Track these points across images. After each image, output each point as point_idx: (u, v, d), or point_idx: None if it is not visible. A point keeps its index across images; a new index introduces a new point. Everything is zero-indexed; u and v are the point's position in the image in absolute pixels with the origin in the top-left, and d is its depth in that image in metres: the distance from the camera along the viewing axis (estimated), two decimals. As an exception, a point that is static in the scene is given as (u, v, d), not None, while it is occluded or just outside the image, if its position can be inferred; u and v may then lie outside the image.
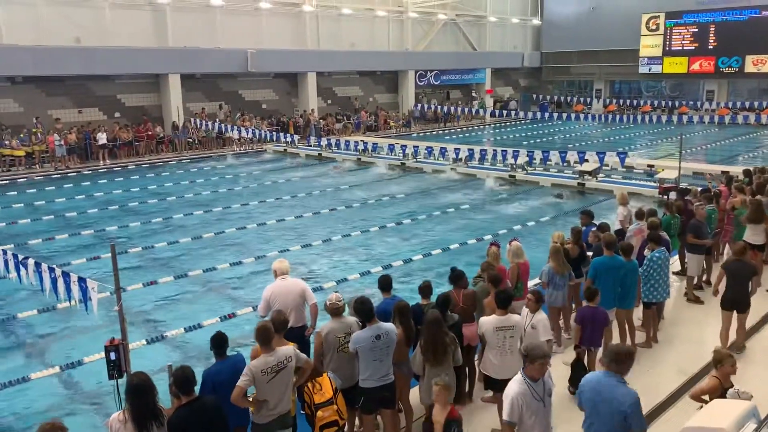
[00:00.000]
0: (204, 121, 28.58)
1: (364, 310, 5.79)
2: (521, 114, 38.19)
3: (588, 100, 44.62)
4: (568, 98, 45.94)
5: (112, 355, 5.41)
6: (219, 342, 5.27)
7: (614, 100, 42.83)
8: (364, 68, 37.50)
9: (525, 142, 30.08)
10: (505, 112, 38.91)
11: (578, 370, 7.00)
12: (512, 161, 21.23)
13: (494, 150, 21.75)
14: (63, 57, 25.12)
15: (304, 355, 5.46)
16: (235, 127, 28.34)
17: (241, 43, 30.57)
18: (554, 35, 46.93)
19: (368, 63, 37.28)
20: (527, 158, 20.92)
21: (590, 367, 7.13)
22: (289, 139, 27.71)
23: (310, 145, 28.26)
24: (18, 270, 7.83)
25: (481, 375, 6.65)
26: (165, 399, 4.95)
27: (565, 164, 20.81)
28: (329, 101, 36.62)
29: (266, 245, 13.94)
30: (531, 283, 8.53)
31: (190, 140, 28.68)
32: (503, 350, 6.14)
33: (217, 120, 29.52)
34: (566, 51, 46.27)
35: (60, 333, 9.67)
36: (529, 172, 21.37)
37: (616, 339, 7.70)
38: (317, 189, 20.42)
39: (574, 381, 6.93)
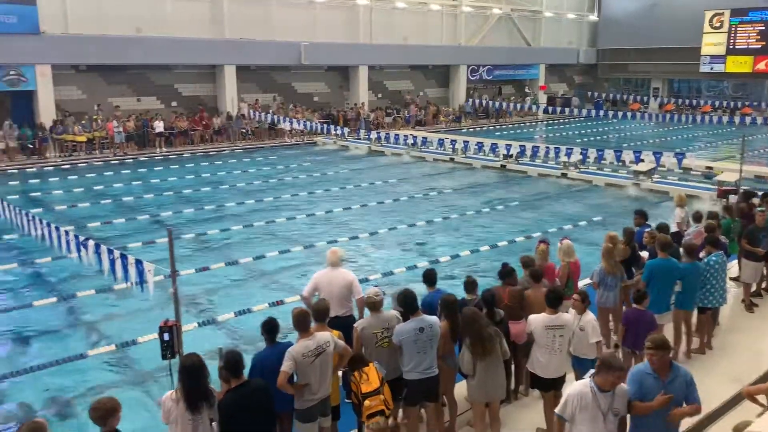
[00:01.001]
0: (257, 112, 29.05)
1: (407, 302, 5.81)
2: (576, 111, 37.45)
3: (645, 98, 43.37)
4: (624, 96, 44.77)
5: (166, 336, 5.53)
6: (270, 328, 5.35)
7: (672, 99, 41.53)
8: (415, 62, 37.42)
9: (578, 140, 29.49)
10: (558, 109, 38.21)
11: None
12: (565, 159, 20.90)
13: (546, 147, 21.41)
14: (124, 46, 25.89)
15: (342, 342, 5.52)
16: (287, 119, 28.69)
17: (295, 35, 30.89)
18: (611, 31, 45.72)
19: (420, 57, 37.11)
20: (581, 156, 20.52)
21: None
22: (339, 132, 27.92)
23: (360, 138, 28.46)
24: (78, 251, 8.17)
25: (528, 373, 6.57)
26: (215, 381, 5.06)
27: (619, 163, 20.32)
28: (380, 95, 36.67)
29: (314, 235, 14.08)
30: (581, 283, 8.38)
31: (244, 131, 29.20)
32: (552, 349, 6.06)
33: (270, 111, 29.96)
34: (623, 48, 45.03)
35: (116, 313, 10.00)
36: (581, 170, 20.96)
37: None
38: (365, 182, 20.51)
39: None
